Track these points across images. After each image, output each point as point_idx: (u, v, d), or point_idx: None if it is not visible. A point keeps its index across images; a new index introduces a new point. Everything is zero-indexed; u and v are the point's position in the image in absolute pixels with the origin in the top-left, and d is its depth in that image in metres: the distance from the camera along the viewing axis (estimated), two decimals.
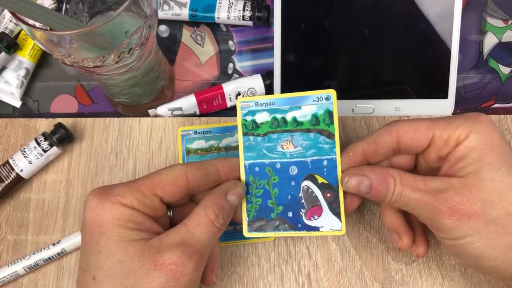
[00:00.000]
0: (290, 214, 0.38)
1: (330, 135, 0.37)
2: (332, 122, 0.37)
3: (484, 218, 0.32)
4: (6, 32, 0.47)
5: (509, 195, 0.32)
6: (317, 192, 0.37)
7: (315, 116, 0.37)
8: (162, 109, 0.46)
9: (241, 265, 0.42)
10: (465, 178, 0.33)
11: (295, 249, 0.42)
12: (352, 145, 0.37)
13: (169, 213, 0.37)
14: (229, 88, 0.46)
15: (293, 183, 0.38)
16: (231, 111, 0.47)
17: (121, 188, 0.33)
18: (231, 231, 0.42)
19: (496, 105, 0.49)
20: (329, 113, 0.37)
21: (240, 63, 0.50)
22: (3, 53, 0.46)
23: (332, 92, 0.37)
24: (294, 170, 0.38)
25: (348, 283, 0.41)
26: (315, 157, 0.37)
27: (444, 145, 0.34)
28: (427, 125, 0.35)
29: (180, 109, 0.46)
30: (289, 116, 0.38)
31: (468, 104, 0.48)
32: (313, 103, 0.37)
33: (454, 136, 0.34)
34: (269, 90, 0.47)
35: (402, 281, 0.41)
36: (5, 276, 0.41)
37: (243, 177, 0.38)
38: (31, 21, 0.32)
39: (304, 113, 0.37)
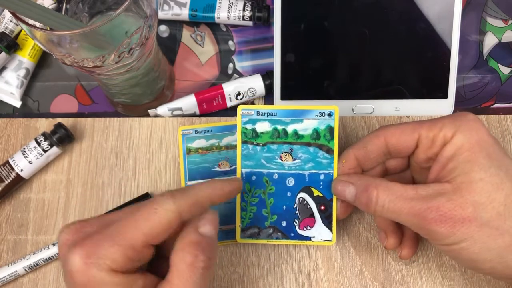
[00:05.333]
0: (284, 224, 0.39)
1: (329, 151, 0.38)
2: (332, 138, 0.38)
3: (477, 222, 0.32)
4: (6, 32, 0.47)
5: (498, 196, 0.32)
6: (312, 204, 0.38)
7: (316, 131, 0.38)
8: (162, 109, 0.46)
9: (241, 265, 0.42)
10: (456, 182, 0.33)
11: (295, 249, 0.42)
12: (344, 152, 0.38)
13: None
14: (229, 88, 0.46)
15: (289, 194, 0.39)
16: (231, 111, 0.47)
17: (109, 248, 0.29)
18: (232, 230, 0.42)
19: (496, 105, 0.49)
20: (330, 129, 0.38)
21: (240, 63, 0.50)
22: (3, 53, 0.46)
23: (334, 108, 0.38)
24: (291, 182, 0.38)
25: (348, 283, 0.41)
26: (313, 171, 0.38)
27: (431, 144, 0.34)
28: (412, 127, 0.35)
29: (180, 109, 0.46)
30: (290, 128, 0.38)
31: (468, 104, 0.48)
32: (315, 117, 0.38)
33: (440, 135, 0.34)
34: (269, 90, 0.47)
35: (402, 281, 0.41)
36: (5, 276, 0.41)
37: None
38: (31, 21, 0.32)
39: (305, 126, 0.38)
